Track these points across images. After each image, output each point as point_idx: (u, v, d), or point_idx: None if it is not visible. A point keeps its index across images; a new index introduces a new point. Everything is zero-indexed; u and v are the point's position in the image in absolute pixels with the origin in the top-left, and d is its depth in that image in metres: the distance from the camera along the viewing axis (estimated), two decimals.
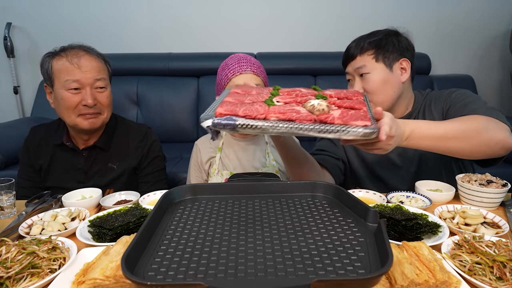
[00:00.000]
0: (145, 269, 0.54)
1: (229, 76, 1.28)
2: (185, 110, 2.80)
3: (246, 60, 1.32)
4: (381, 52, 1.21)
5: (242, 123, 0.77)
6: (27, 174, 1.39)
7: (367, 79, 1.22)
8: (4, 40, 2.85)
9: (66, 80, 1.23)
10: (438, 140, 0.97)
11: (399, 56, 1.23)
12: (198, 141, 1.47)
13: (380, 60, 1.21)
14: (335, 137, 0.74)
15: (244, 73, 1.28)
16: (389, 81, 1.22)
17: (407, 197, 1.10)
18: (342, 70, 1.35)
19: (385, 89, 1.22)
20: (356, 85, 1.25)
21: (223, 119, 0.78)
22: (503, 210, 1.03)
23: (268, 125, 0.76)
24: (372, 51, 1.22)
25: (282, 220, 0.71)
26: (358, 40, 1.26)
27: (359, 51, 1.23)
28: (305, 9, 2.96)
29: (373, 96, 1.22)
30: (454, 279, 0.63)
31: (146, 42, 3.00)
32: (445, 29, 3.01)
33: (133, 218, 0.89)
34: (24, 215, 1.02)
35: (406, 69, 1.25)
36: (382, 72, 1.21)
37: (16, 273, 0.65)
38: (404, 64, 1.24)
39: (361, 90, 1.23)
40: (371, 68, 1.21)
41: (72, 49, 1.27)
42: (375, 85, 1.21)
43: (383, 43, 1.22)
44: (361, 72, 1.23)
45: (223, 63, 1.34)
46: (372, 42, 1.22)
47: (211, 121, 0.80)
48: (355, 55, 1.24)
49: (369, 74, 1.21)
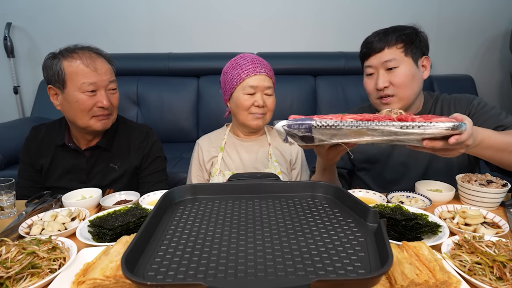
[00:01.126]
0: (145, 269, 0.54)
1: (242, 76, 1.28)
2: (185, 110, 2.80)
3: (259, 61, 1.32)
4: (410, 46, 1.21)
5: (318, 123, 0.74)
6: (28, 174, 1.39)
7: (396, 73, 1.20)
8: (4, 40, 2.85)
9: (83, 83, 1.23)
10: (499, 151, 0.99)
11: (422, 53, 1.24)
12: (199, 140, 1.47)
13: (409, 55, 1.21)
14: (418, 131, 0.71)
15: (259, 74, 1.29)
16: (415, 76, 1.22)
17: (407, 197, 1.10)
18: (342, 70, 1.35)
19: (412, 84, 1.21)
20: (381, 78, 1.22)
21: (298, 120, 0.75)
22: (503, 210, 1.03)
23: (346, 124, 0.73)
24: (401, 45, 1.21)
25: (282, 220, 0.71)
26: (382, 34, 1.23)
27: (387, 44, 1.21)
28: (305, 9, 2.96)
29: (399, 90, 1.21)
30: (454, 279, 0.63)
31: (146, 42, 3.00)
32: (445, 29, 3.01)
33: (133, 218, 0.89)
34: (24, 215, 1.02)
35: (426, 66, 1.25)
36: (411, 66, 1.21)
37: (16, 273, 0.65)
38: (425, 62, 1.25)
39: (387, 84, 1.22)
40: (400, 61, 1.20)
41: (82, 51, 1.26)
42: (404, 79, 1.20)
43: (413, 37, 1.22)
44: (390, 66, 1.21)
45: (233, 62, 1.34)
46: (403, 35, 1.21)
47: (286, 122, 0.77)
48: (383, 48, 1.21)
49: (398, 68, 1.20)
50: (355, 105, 2.01)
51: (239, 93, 1.30)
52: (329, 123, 0.73)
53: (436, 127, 0.71)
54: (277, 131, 0.80)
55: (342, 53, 2.86)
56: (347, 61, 2.79)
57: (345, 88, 2.76)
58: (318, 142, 0.81)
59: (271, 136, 1.44)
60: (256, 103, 1.29)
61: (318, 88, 2.83)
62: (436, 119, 0.74)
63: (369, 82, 1.28)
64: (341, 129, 0.74)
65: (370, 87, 1.28)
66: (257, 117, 1.32)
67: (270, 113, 1.36)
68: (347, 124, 0.73)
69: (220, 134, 1.46)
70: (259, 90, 1.30)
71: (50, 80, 1.27)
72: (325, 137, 0.78)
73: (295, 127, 0.76)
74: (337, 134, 0.77)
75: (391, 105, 1.24)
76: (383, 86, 1.22)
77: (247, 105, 1.30)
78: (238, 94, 1.30)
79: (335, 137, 0.79)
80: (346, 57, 2.81)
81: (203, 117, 2.82)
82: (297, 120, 0.76)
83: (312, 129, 0.75)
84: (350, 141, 0.79)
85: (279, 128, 0.79)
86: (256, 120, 1.33)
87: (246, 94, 1.29)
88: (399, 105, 1.24)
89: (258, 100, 1.29)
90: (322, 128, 0.74)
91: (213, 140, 1.44)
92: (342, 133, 0.75)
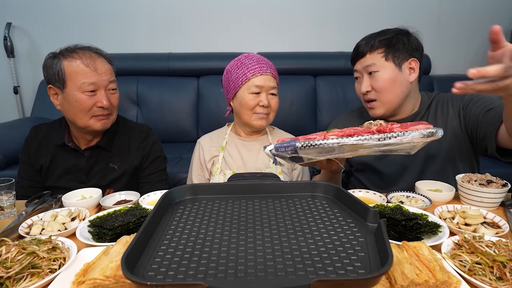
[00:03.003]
0: (145, 269, 0.54)
1: (248, 75, 1.29)
2: (185, 110, 2.80)
3: (265, 61, 1.33)
4: (391, 51, 1.21)
5: (302, 144, 0.81)
6: (28, 174, 1.39)
7: (376, 77, 1.22)
8: (4, 40, 2.85)
9: (83, 83, 1.23)
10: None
11: (408, 56, 1.23)
12: (200, 139, 1.47)
13: (389, 59, 1.21)
14: (396, 142, 0.76)
15: (265, 74, 1.30)
16: (397, 80, 1.22)
17: (407, 197, 1.10)
18: (342, 70, 1.36)
19: (393, 88, 1.22)
20: (364, 83, 1.25)
21: (284, 143, 0.83)
22: (503, 210, 1.03)
23: (327, 142, 0.79)
24: (382, 50, 1.22)
25: (282, 220, 0.71)
26: (368, 38, 1.25)
27: (369, 49, 1.23)
28: (305, 9, 2.97)
29: (381, 94, 1.22)
30: (454, 279, 0.63)
31: (146, 42, 3.00)
32: (445, 29, 3.01)
33: (133, 218, 0.89)
34: (24, 215, 1.02)
35: (414, 69, 1.25)
36: (391, 71, 1.21)
37: (16, 273, 0.65)
38: (413, 64, 1.24)
39: (369, 88, 1.24)
40: (380, 66, 1.22)
41: (82, 51, 1.26)
42: (384, 83, 1.21)
43: (393, 42, 1.22)
44: (370, 70, 1.23)
45: (237, 61, 1.34)
46: (383, 41, 1.22)
47: (273, 146, 0.85)
48: (365, 53, 1.24)
49: (378, 73, 1.22)
50: (354, 105, 2.01)
51: (244, 92, 1.30)
52: (311, 143, 0.80)
53: (412, 136, 0.77)
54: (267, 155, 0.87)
55: (342, 53, 2.87)
56: (347, 61, 2.79)
57: (345, 88, 2.77)
58: (307, 160, 0.89)
59: (272, 136, 1.44)
60: (261, 103, 1.30)
61: (318, 88, 2.83)
62: (412, 127, 0.79)
63: (357, 86, 1.31)
64: (324, 147, 0.80)
65: (357, 91, 1.31)
66: (261, 117, 1.33)
67: (273, 114, 1.37)
68: (328, 142, 0.79)
69: (221, 134, 1.46)
70: (264, 90, 1.30)
71: (50, 80, 1.26)
72: (312, 155, 0.85)
73: (282, 150, 0.83)
74: (322, 151, 0.83)
75: (375, 109, 1.27)
76: (365, 91, 1.25)
77: (252, 105, 1.30)
78: (243, 94, 1.31)
79: (321, 154, 0.85)
80: (346, 57, 2.80)
81: (203, 117, 2.82)
82: (283, 143, 0.83)
83: (297, 150, 0.82)
84: (338, 156, 0.85)
85: (268, 152, 0.87)
86: (259, 120, 1.33)
87: (251, 94, 1.30)
88: (383, 109, 1.26)
89: (263, 100, 1.30)
90: (306, 148, 0.81)
91: (214, 139, 1.44)
92: (327, 150, 0.81)
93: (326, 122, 2.75)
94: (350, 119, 1.44)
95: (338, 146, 0.80)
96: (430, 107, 1.31)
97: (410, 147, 0.82)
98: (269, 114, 1.34)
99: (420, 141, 0.78)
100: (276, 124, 1.52)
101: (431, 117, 1.30)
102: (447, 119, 1.28)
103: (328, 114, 2.77)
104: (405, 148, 0.82)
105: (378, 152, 0.84)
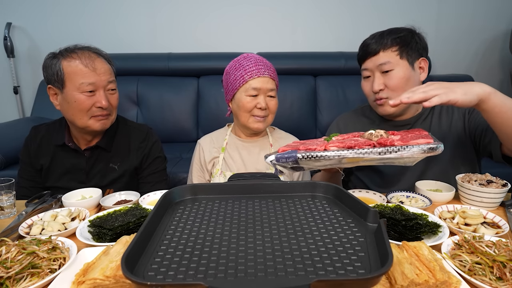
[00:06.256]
0: (145, 269, 0.54)
1: (245, 78, 1.28)
2: (185, 110, 2.80)
3: (263, 62, 1.31)
4: (405, 49, 1.21)
5: (303, 155, 0.82)
6: (28, 174, 1.39)
7: (391, 76, 1.21)
8: (4, 40, 2.85)
9: (82, 83, 1.23)
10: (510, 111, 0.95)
11: (419, 55, 1.23)
12: (201, 140, 1.47)
13: (404, 57, 1.21)
14: (396, 156, 0.77)
15: (262, 76, 1.28)
16: (411, 79, 1.22)
17: (407, 197, 1.10)
18: (342, 70, 1.35)
19: (407, 86, 1.20)
20: (377, 81, 1.23)
21: (285, 153, 0.84)
22: (503, 210, 1.03)
23: (328, 154, 0.80)
24: (396, 48, 1.21)
25: (282, 220, 0.71)
26: (378, 37, 1.23)
27: (382, 47, 1.21)
28: (305, 9, 2.96)
29: (394, 93, 1.21)
30: (454, 279, 0.63)
31: (146, 42, 3.00)
32: (445, 29, 3.01)
33: (133, 218, 0.89)
34: (24, 215, 1.02)
35: (424, 68, 1.25)
36: (406, 69, 1.21)
37: (16, 273, 0.65)
38: (422, 64, 1.24)
39: (382, 87, 1.22)
40: (395, 64, 1.20)
41: (81, 51, 1.26)
42: (399, 81, 1.20)
43: (407, 40, 1.21)
44: (385, 69, 1.21)
45: (236, 63, 1.33)
46: (397, 39, 1.21)
47: (274, 156, 0.86)
48: (378, 51, 1.22)
49: (393, 71, 1.20)
50: (355, 105, 2.01)
51: (241, 94, 1.30)
52: (312, 154, 0.82)
53: (412, 150, 0.78)
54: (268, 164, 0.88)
55: (342, 53, 2.86)
56: (347, 61, 2.79)
57: (345, 88, 2.76)
58: (307, 169, 0.92)
59: (272, 137, 1.43)
60: (259, 105, 1.28)
61: (318, 88, 2.83)
62: (413, 141, 0.79)
63: (366, 85, 1.29)
64: (324, 159, 0.82)
65: (367, 89, 1.29)
66: (258, 120, 1.31)
67: (272, 115, 1.36)
68: (329, 154, 0.81)
69: (221, 134, 1.46)
70: (262, 92, 1.29)
71: (49, 80, 1.26)
72: (312, 165, 0.87)
73: (283, 161, 0.85)
74: (323, 161, 0.84)
75: (385, 107, 1.25)
76: (378, 89, 1.23)
77: (249, 107, 1.29)
78: (241, 96, 1.30)
79: (322, 165, 0.87)
80: (346, 57, 2.81)
81: (203, 117, 2.82)
82: (284, 154, 0.84)
83: (298, 161, 0.83)
84: (338, 166, 0.87)
85: (269, 162, 0.88)
86: (257, 123, 1.32)
87: (248, 96, 1.29)
88: (394, 108, 1.24)
89: (260, 102, 1.28)
90: (307, 159, 0.82)
91: (214, 140, 1.44)
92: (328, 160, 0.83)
93: (326, 122, 2.74)
94: (353, 118, 1.43)
95: (339, 159, 0.81)
96: (435, 108, 1.31)
97: (410, 161, 0.83)
98: (267, 116, 1.33)
99: (421, 156, 0.79)
100: (276, 124, 1.52)
101: (436, 118, 1.29)
102: (451, 121, 1.27)
103: (328, 114, 2.77)
104: (405, 162, 0.83)
105: (378, 163, 0.85)
